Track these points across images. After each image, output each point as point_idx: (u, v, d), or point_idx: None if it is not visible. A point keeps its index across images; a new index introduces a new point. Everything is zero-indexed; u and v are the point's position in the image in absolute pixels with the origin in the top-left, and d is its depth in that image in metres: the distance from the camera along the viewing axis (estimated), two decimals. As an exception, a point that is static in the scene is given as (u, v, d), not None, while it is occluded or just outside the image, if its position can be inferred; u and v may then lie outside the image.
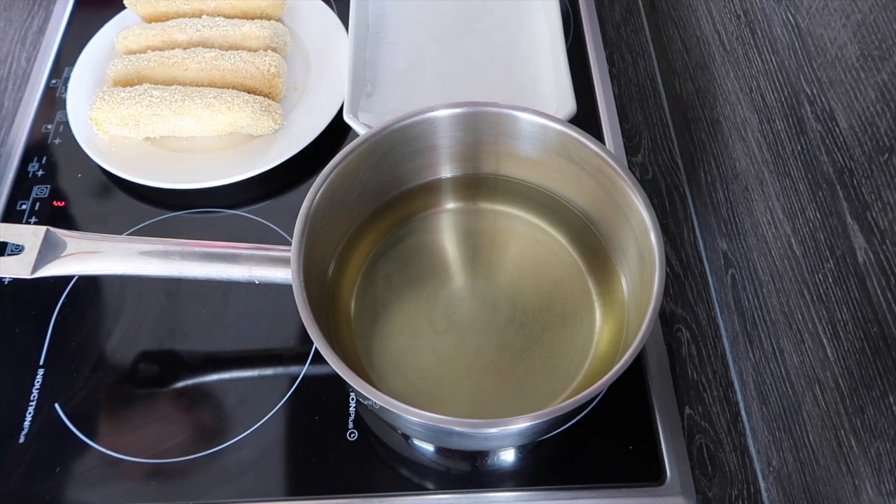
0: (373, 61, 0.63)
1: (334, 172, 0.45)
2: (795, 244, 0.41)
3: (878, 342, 0.33)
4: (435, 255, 0.51)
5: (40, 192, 0.58)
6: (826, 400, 0.39)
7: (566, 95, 0.57)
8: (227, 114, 0.56)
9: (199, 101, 0.56)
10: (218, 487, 0.46)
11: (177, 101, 0.56)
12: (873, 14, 0.33)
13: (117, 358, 0.50)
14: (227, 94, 0.57)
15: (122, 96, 0.56)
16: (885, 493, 0.34)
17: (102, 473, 0.46)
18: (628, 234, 0.45)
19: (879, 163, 0.33)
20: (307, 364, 0.50)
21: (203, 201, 0.57)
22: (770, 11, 0.43)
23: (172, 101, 0.56)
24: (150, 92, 0.57)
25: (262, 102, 0.58)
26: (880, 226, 0.33)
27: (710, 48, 0.53)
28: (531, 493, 0.45)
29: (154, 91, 0.57)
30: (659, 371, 0.50)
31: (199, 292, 0.53)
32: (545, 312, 0.48)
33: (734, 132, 0.49)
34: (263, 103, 0.58)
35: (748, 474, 0.47)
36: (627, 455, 0.46)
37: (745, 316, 0.49)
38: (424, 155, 0.50)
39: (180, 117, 0.56)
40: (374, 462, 0.46)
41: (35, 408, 0.48)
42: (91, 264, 0.44)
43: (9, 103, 0.65)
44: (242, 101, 0.57)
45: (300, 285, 0.40)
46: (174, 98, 0.56)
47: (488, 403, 0.45)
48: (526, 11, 0.66)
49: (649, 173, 0.60)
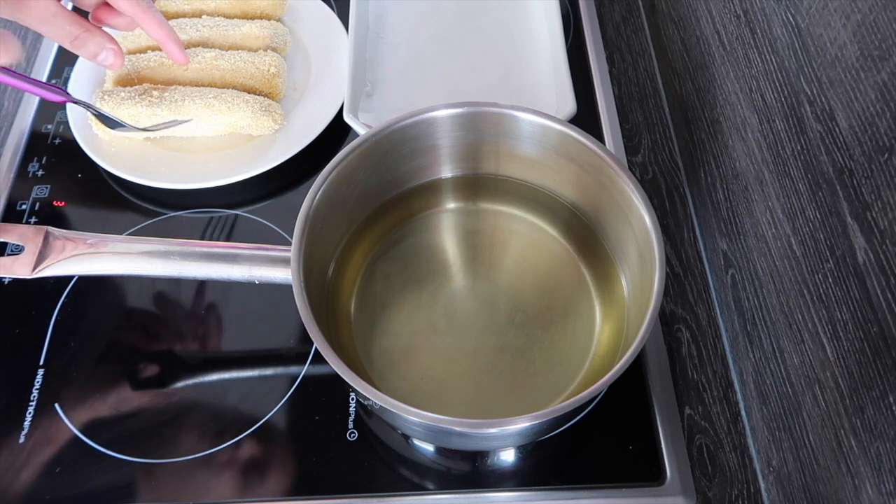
0: (373, 61, 0.63)
1: (334, 172, 0.45)
2: (795, 244, 0.41)
3: (878, 342, 0.33)
4: (435, 256, 0.51)
5: (40, 192, 0.58)
6: (826, 400, 0.39)
7: (566, 95, 0.57)
8: (227, 114, 0.56)
9: (198, 101, 0.56)
10: (218, 487, 0.46)
11: (176, 101, 0.56)
12: (873, 14, 0.33)
13: (117, 358, 0.50)
14: (226, 94, 0.57)
15: (122, 96, 0.56)
16: (885, 493, 0.34)
17: (102, 473, 0.46)
18: (628, 234, 0.45)
19: (879, 163, 0.33)
20: (307, 364, 0.50)
21: (203, 201, 0.57)
22: (770, 11, 0.43)
23: (172, 101, 0.56)
24: (150, 92, 0.57)
25: (262, 102, 0.58)
26: (880, 226, 0.33)
27: (710, 48, 0.53)
28: (531, 493, 0.45)
29: (154, 91, 0.57)
30: (659, 371, 0.50)
31: (199, 292, 0.53)
32: (545, 312, 0.48)
33: (734, 132, 0.49)
34: (263, 103, 0.58)
35: (748, 474, 0.47)
36: (627, 455, 0.46)
37: (745, 316, 0.49)
38: (424, 155, 0.50)
39: (180, 113, 0.56)
40: (374, 462, 0.46)
41: (35, 408, 0.48)
42: (91, 264, 0.44)
43: (9, 103, 0.65)
44: (242, 101, 0.57)
45: (300, 285, 0.40)
46: (174, 98, 0.56)
47: (488, 403, 0.45)
48: (526, 11, 0.66)
49: (649, 173, 0.60)
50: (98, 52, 0.49)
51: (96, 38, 0.49)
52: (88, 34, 0.48)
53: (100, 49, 0.49)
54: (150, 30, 0.51)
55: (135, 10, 0.50)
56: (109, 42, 0.49)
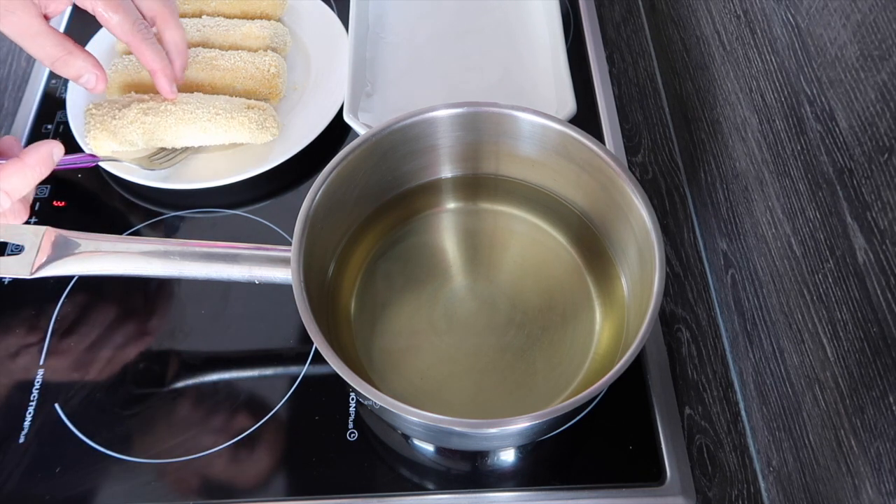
0: (373, 61, 0.63)
1: (334, 172, 0.45)
2: (795, 244, 0.41)
3: (878, 342, 0.33)
4: (435, 256, 0.51)
5: (40, 192, 0.58)
6: (826, 400, 0.39)
7: (566, 95, 0.57)
8: (224, 135, 0.56)
9: (193, 125, 0.55)
10: (218, 487, 0.46)
11: (171, 126, 0.55)
12: (873, 14, 0.33)
13: (117, 358, 0.50)
14: (221, 117, 0.55)
15: (115, 124, 0.55)
16: (885, 493, 0.34)
17: (102, 473, 0.46)
18: (628, 234, 0.45)
19: (879, 163, 0.33)
20: (307, 364, 0.50)
21: (203, 201, 0.57)
22: (770, 11, 0.43)
23: (167, 128, 0.55)
24: (140, 119, 0.55)
25: (259, 118, 0.56)
26: (880, 226, 0.33)
27: (710, 48, 0.53)
28: (531, 493, 0.45)
29: (146, 118, 0.55)
30: (659, 371, 0.50)
31: (199, 292, 0.53)
32: (545, 312, 0.48)
33: (734, 132, 0.49)
34: (259, 119, 0.56)
35: (748, 474, 0.47)
36: (627, 455, 0.46)
37: (745, 316, 0.49)
38: (424, 155, 0.50)
39: (177, 140, 0.56)
40: (374, 462, 0.46)
41: (35, 408, 0.48)
42: (91, 264, 0.44)
43: (9, 103, 0.65)
44: (237, 122, 0.56)
45: (300, 285, 0.40)
46: (168, 124, 0.55)
47: (488, 403, 0.45)
48: (526, 11, 0.66)
49: (649, 173, 0.60)
50: (80, 75, 0.48)
51: (78, 61, 0.48)
52: (70, 57, 0.47)
53: (82, 73, 0.48)
54: (145, 61, 0.51)
55: (131, 40, 0.49)
56: (93, 67, 0.48)
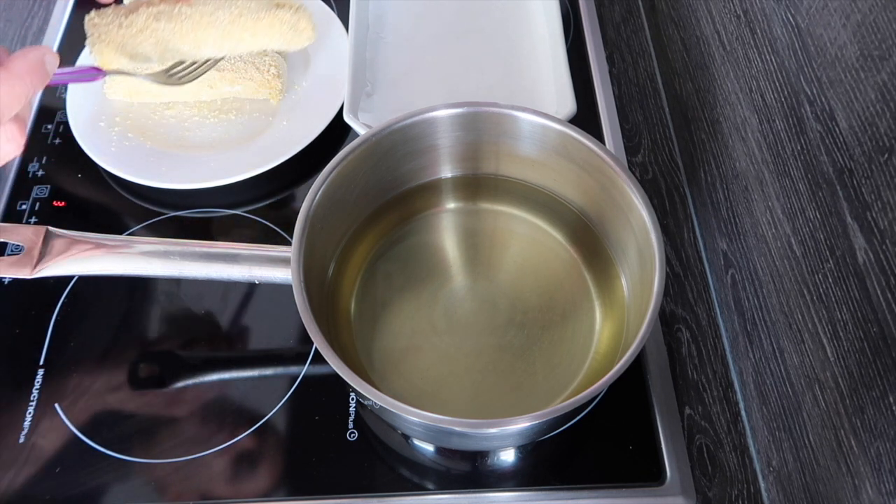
0: (373, 61, 0.63)
1: (334, 172, 0.45)
2: (795, 244, 0.41)
3: (878, 342, 0.33)
4: (435, 256, 0.51)
5: (40, 192, 0.58)
6: (826, 400, 0.39)
7: (566, 95, 0.57)
8: (251, 40, 0.51)
9: (213, 30, 0.49)
10: (218, 487, 0.46)
11: (188, 32, 0.49)
12: (873, 14, 0.33)
13: (117, 358, 0.50)
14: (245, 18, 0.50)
15: (123, 34, 0.48)
16: (885, 493, 0.34)
17: (102, 473, 0.46)
18: (628, 234, 0.45)
19: (879, 163, 0.33)
20: (307, 364, 0.50)
21: (203, 201, 0.57)
22: (770, 11, 0.43)
23: (184, 34, 0.49)
24: (151, 26, 0.49)
25: (290, 18, 0.52)
26: (880, 226, 0.33)
27: (710, 48, 0.53)
28: (531, 493, 0.45)
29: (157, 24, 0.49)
30: (659, 371, 0.50)
31: (199, 292, 0.53)
32: (545, 312, 0.48)
33: (734, 132, 0.49)
34: (290, 20, 0.52)
35: (748, 474, 0.47)
36: (627, 455, 0.46)
37: (745, 316, 0.49)
38: (424, 155, 0.50)
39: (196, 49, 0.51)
40: (374, 462, 0.46)
41: (35, 408, 0.48)
42: (91, 264, 0.44)
43: (9, 103, 0.65)
44: (266, 24, 0.51)
45: (300, 285, 0.40)
46: (185, 30, 0.49)
47: (488, 403, 0.45)
48: (526, 11, 0.66)
49: (649, 173, 0.60)
50: None
51: None
52: None
53: None
54: None
55: None
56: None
